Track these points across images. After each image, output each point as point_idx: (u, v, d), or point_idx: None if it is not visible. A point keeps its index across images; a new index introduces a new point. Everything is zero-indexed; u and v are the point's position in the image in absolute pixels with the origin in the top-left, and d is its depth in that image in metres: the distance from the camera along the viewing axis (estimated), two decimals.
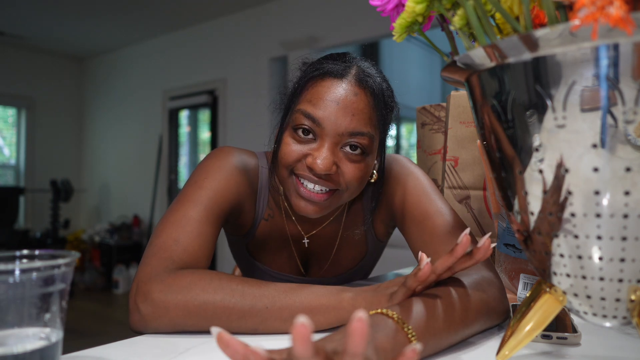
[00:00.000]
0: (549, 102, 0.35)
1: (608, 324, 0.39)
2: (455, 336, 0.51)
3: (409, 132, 5.18)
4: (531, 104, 0.36)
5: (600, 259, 0.36)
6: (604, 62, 0.32)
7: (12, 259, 0.41)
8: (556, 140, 0.35)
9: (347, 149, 0.68)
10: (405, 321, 0.45)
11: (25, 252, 0.42)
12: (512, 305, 0.65)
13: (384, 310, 0.46)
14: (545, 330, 0.54)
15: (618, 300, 0.37)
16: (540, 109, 0.36)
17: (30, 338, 0.38)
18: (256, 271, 0.87)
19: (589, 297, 0.38)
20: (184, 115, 5.10)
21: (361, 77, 0.68)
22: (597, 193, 0.35)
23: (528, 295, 0.45)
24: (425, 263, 0.50)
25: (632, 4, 0.31)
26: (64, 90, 5.81)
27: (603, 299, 0.38)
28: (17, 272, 0.37)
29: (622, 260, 0.36)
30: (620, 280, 0.36)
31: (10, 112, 5.48)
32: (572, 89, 0.34)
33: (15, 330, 0.38)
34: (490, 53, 0.37)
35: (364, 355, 0.35)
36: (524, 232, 0.41)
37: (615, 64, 0.32)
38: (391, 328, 0.44)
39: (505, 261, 0.81)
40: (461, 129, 0.97)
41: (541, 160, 0.37)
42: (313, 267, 0.88)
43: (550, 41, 0.33)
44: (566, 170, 0.36)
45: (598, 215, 0.35)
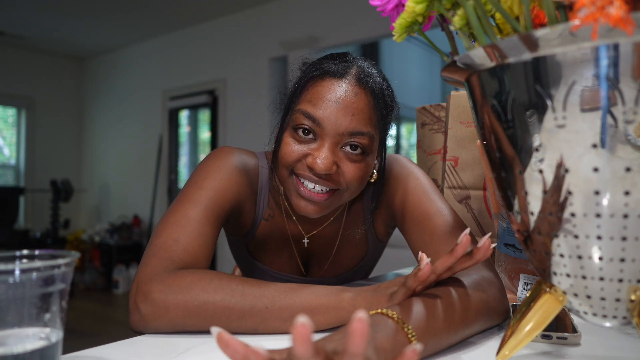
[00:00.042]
0: (549, 102, 0.35)
1: (608, 324, 0.39)
2: (455, 336, 0.51)
3: (409, 132, 5.18)
4: (531, 104, 0.36)
5: (600, 259, 0.36)
6: (604, 62, 0.32)
7: (12, 259, 0.41)
8: (556, 140, 0.35)
9: (347, 148, 0.68)
10: (405, 321, 0.45)
11: (25, 252, 0.42)
12: (512, 305, 0.65)
13: (384, 310, 0.46)
14: (545, 330, 0.54)
15: (618, 300, 0.37)
16: (540, 109, 0.36)
17: (30, 338, 0.38)
18: (256, 271, 0.87)
19: (589, 297, 0.38)
20: (184, 115, 5.10)
21: (361, 76, 0.68)
22: (597, 193, 0.35)
23: (528, 295, 0.45)
24: (425, 263, 0.50)
25: (632, 4, 0.31)
26: (64, 90, 5.81)
27: (603, 299, 0.38)
28: (17, 272, 0.37)
29: (622, 260, 0.36)
30: (620, 280, 0.36)
31: (10, 112, 5.48)
32: (572, 89, 0.34)
33: (15, 330, 0.38)
34: (490, 53, 0.37)
35: (364, 356, 0.35)
36: (524, 232, 0.41)
37: (615, 64, 0.32)
38: (391, 328, 0.44)
39: (505, 261, 0.81)
40: (461, 129, 0.97)
41: (541, 160, 0.37)
42: (313, 267, 0.88)
43: (550, 41, 0.33)
44: (566, 170, 0.36)
45: (598, 215, 0.35)
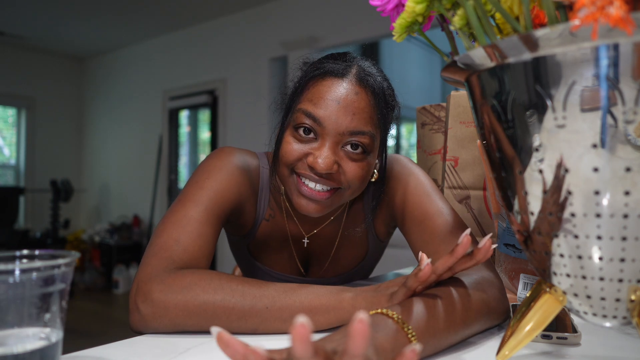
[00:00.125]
0: (549, 102, 0.35)
1: (608, 324, 0.39)
2: (455, 336, 0.51)
3: (409, 132, 5.18)
4: (531, 104, 0.36)
5: (600, 259, 0.36)
6: (604, 62, 0.32)
7: (12, 259, 0.41)
8: (556, 140, 0.35)
9: (348, 147, 0.68)
10: (405, 321, 0.45)
11: (25, 252, 0.42)
12: (512, 305, 0.65)
13: (384, 310, 0.46)
14: (545, 330, 0.54)
15: (618, 300, 0.37)
16: (540, 109, 0.36)
17: (30, 338, 0.38)
18: (257, 271, 0.87)
19: (589, 297, 0.38)
20: (184, 115, 5.10)
21: (362, 76, 0.68)
22: (597, 193, 0.35)
23: (528, 295, 0.45)
24: (426, 263, 0.50)
25: (632, 4, 0.31)
26: (64, 90, 5.81)
27: (603, 299, 0.38)
28: (17, 272, 0.37)
29: (622, 260, 0.36)
30: (620, 280, 0.36)
31: (10, 112, 5.48)
32: (572, 89, 0.34)
33: (15, 330, 0.38)
34: (490, 53, 0.37)
35: (365, 356, 0.35)
36: (524, 232, 0.41)
37: (615, 64, 0.32)
38: (391, 328, 0.44)
39: (505, 261, 0.81)
40: (461, 129, 0.97)
41: (541, 160, 0.37)
42: (314, 267, 0.88)
43: (550, 41, 0.33)
44: (566, 170, 0.36)
45: (598, 215, 0.35)
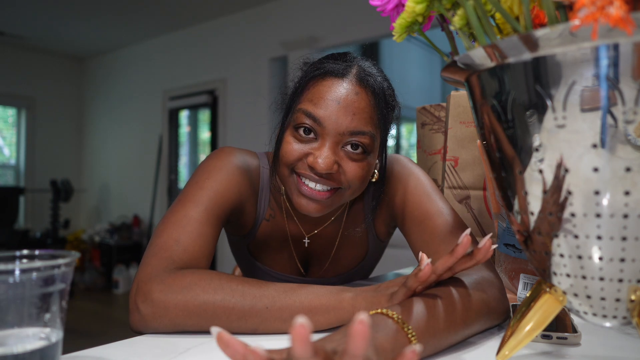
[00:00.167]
0: (549, 102, 0.35)
1: (608, 324, 0.39)
2: (455, 336, 0.51)
3: (409, 132, 5.18)
4: (531, 104, 0.36)
5: (600, 259, 0.36)
6: (604, 62, 0.32)
7: (12, 259, 0.41)
8: (556, 140, 0.35)
9: (348, 147, 0.68)
10: (405, 321, 0.45)
11: (25, 252, 0.42)
12: (512, 305, 0.65)
13: (384, 311, 0.46)
14: (545, 330, 0.54)
15: (618, 300, 0.37)
16: (540, 109, 0.36)
17: (30, 338, 0.38)
18: (257, 271, 0.87)
19: (589, 297, 0.38)
20: (184, 115, 5.10)
21: (362, 76, 0.68)
22: (597, 193, 0.35)
23: (528, 295, 0.45)
24: (426, 263, 0.50)
25: (632, 4, 0.31)
26: (64, 90, 5.81)
27: (603, 299, 0.38)
28: (17, 272, 0.37)
29: (622, 260, 0.36)
30: (620, 280, 0.36)
31: (10, 112, 5.48)
32: (572, 89, 0.34)
33: (15, 330, 0.38)
34: (490, 53, 0.37)
35: (365, 356, 0.35)
36: (524, 232, 0.41)
37: (615, 64, 0.32)
38: (391, 328, 0.44)
39: (505, 261, 0.81)
40: (461, 129, 0.97)
41: (541, 160, 0.37)
42: (314, 267, 0.88)
43: (550, 41, 0.33)
44: (566, 170, 0.36)
45: (598, 215, 0.35)
